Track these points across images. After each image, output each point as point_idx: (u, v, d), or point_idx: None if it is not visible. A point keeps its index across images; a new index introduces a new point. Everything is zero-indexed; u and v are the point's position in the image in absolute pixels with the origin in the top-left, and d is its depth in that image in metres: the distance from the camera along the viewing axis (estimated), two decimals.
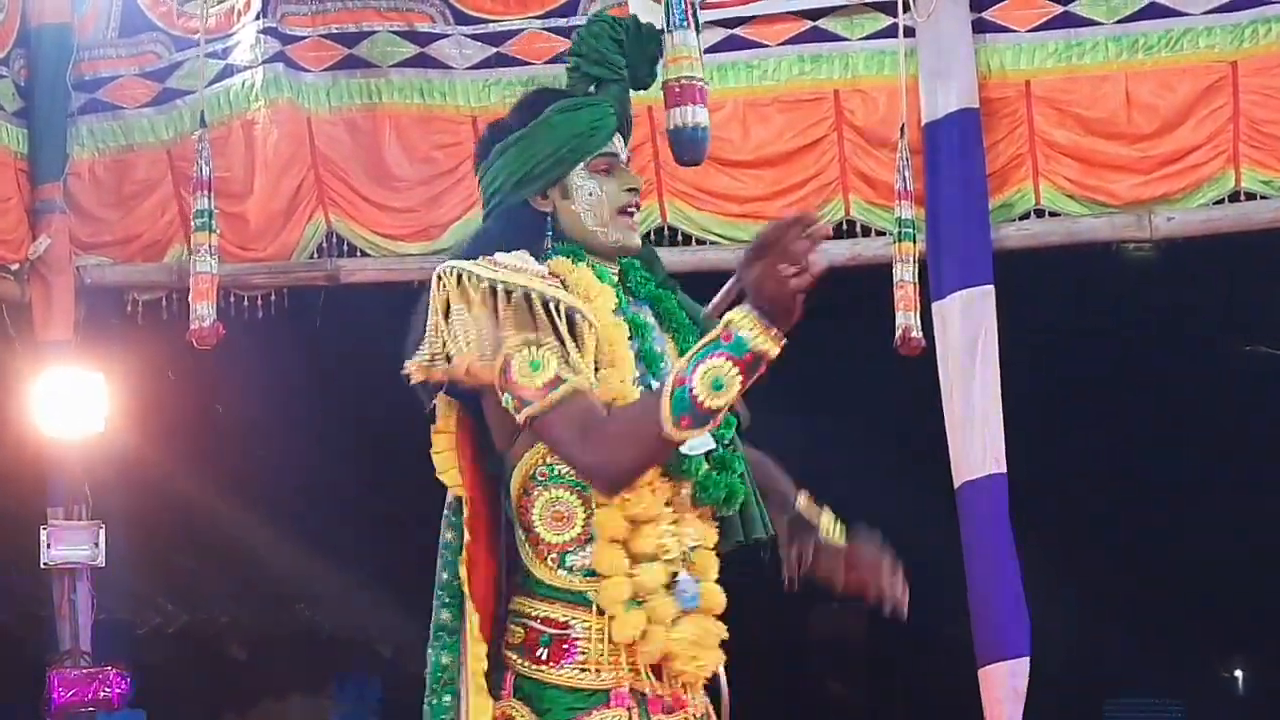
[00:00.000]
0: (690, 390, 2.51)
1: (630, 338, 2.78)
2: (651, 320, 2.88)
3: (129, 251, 7.35)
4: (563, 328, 2.67)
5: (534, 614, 2.77)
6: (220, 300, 6.94)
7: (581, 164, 2.87)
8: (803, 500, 3.01)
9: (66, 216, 7.23)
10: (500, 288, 2.69)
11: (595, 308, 2.74)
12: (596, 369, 2.71)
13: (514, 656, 2.78)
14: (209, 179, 6.78)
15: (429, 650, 2.87)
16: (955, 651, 6.77)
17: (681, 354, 2.74)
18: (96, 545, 7.10)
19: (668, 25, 2.97)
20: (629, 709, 2.74)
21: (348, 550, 10.41)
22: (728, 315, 2.53)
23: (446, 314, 2.75)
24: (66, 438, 7.05)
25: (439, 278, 2.76)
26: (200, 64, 7.03)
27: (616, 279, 2.88)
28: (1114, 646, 11.70)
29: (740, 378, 2.50)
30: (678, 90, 2.92)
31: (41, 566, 7.09)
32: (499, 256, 2.74)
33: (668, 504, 2.75)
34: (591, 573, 2.74)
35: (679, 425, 2.54)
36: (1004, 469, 6.35)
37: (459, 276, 2.72)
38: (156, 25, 7.23)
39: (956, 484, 6.40)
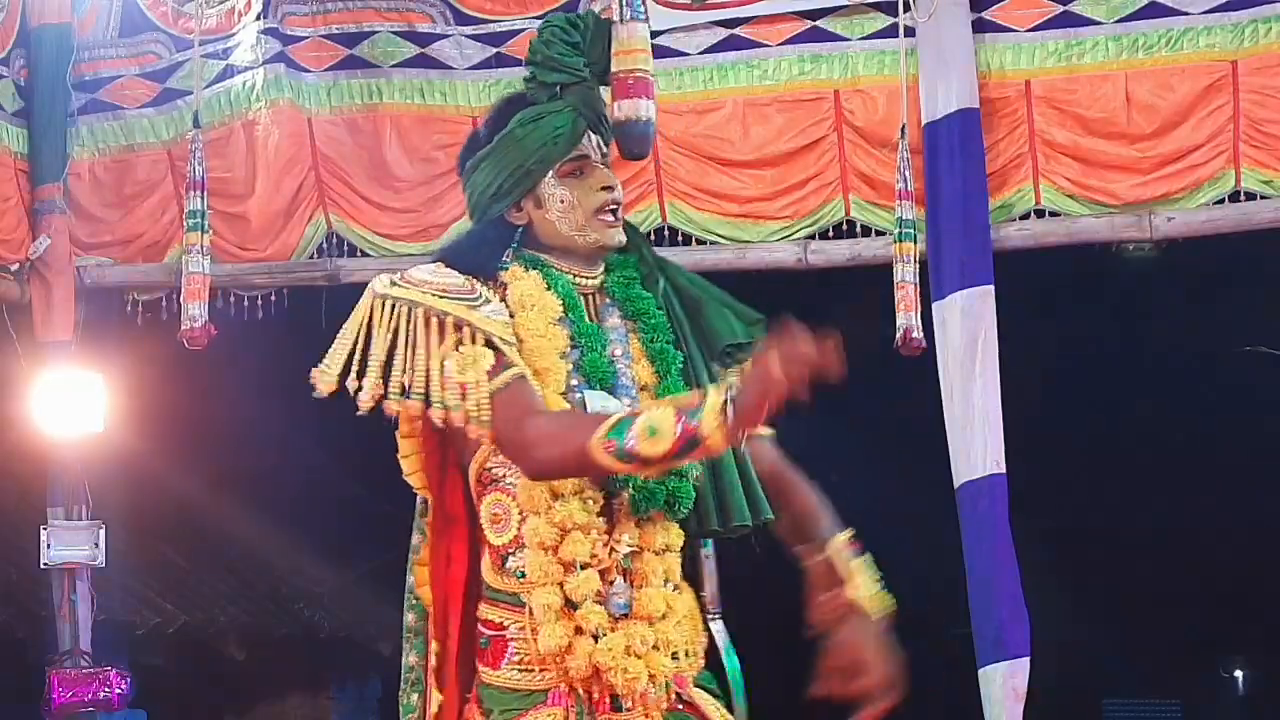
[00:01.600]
0: (633, 423, 2.56)
1: (576, 347, 2.80)
2: (616, 326, 2.87)
3: (129, 252, 7.34)
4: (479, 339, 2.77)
5: (482, 616, 2.84)
6: (220, 300, 6.94)
7: (550, 172, 2.89)
8: (838, 544, 2.89)
9: (66, 216, 7.23)
10: (420, 311, 2.87)
11: (526, 319, 2.80)
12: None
13: (477, 659, 2.86)
14: (202, 179, 6.78)
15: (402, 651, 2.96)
16: (955, 651, 6.77)
17: (650, 355, 2.83)
18: (96, 545, 7.10)
19: (619, 17, 2.96)
20: (566, 708, 2.76)
21: (348, 550, 10.40)
22: (718, 385, 2.60)
23: (367, 335, 2.97)
24: (66, 438, 7.05)
25: (372, 292, 2.97)
26: (196, 64, 7.03)
27: (581, 285, 2.88)
28: (1114, 646, 11.69)
29: (674, 441, 2.53)
30: (629, 84, 2.91)
31: (41, 566, 7.09)
32: (413, 272, 2.95)
33: (601, 512, 2.77)
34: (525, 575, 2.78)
35: (604, 447, 2.57)
36: (1003, 469, 6.35)
37: (385, 301, 2.96)
38: (157, 25, 7.23)
39: (956, 484, 6.40)
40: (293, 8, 7.03)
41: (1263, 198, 6.43)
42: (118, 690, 7.01)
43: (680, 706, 2.81)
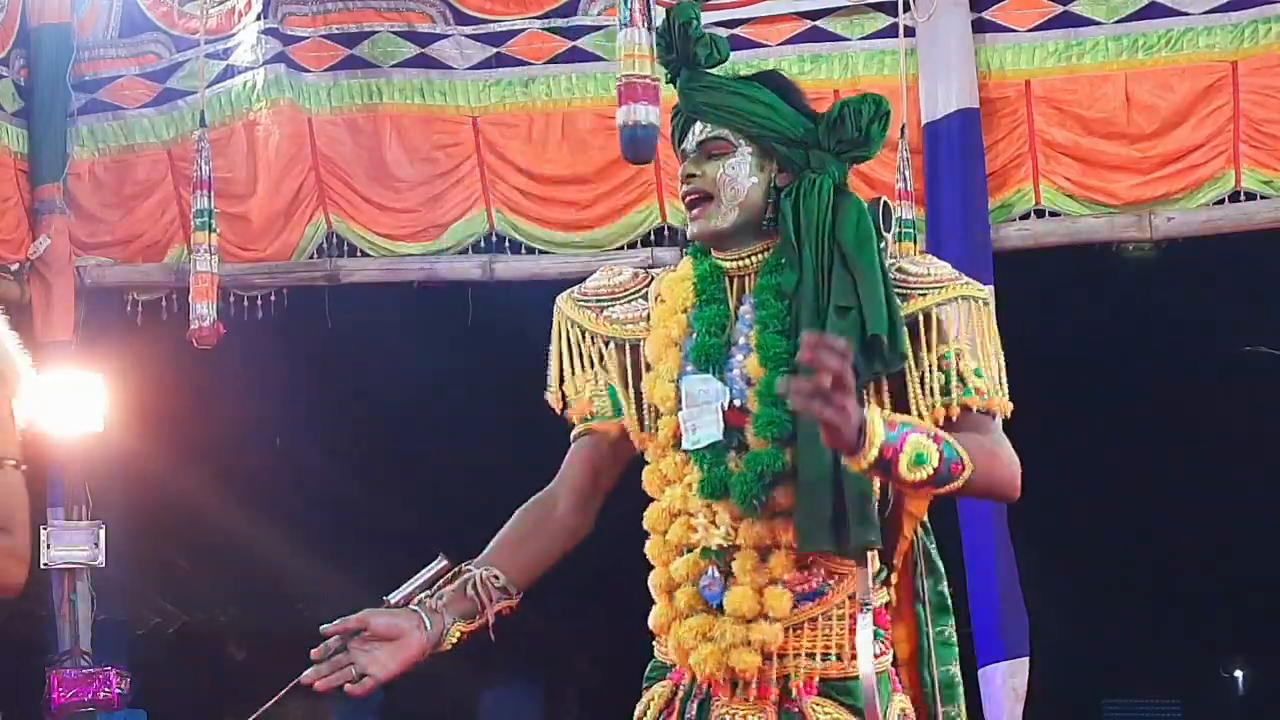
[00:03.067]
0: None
1: (698, 333, 2.81)
2: (748, 313, 2.84)
3: (129, 252, 7.35)
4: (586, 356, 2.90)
5: None
6: (221, 300, 6.94)
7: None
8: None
9: (66, 216, 7.23)
10: (560, 321, 2.94)
11: (658, 310, 2.87)
12: (647, 368, 2.84)
13: None
14: (209, 179, 6.78)
15: None
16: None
17: (758, 345, 2.78)
18: (96, 545, 7.11)
19: (626, 22, 2.95)
20: (676, 684, 2.82)
21: (348, 550, 10.41)
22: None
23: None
24: (66, 438, 7.05)
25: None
26: (200, 64, 7.04)
27: (730, 268, 2.87)
28: (1114, 646, 11.69)
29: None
30: (637, 89, 2.91)
31: (41, 566, 7.10)
32: (589, 281, 2.97)
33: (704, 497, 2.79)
34: None
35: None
36: None
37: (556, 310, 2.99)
38: (157, 25, 7.24)
39: None
40: (293, 8, 7.04)
41: (1262, 198, 6.44)
42: (118, 690, 7.01)
43: (795, 710, 2.76)
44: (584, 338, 2.91)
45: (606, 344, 2.89)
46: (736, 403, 2.77)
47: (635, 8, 2.97)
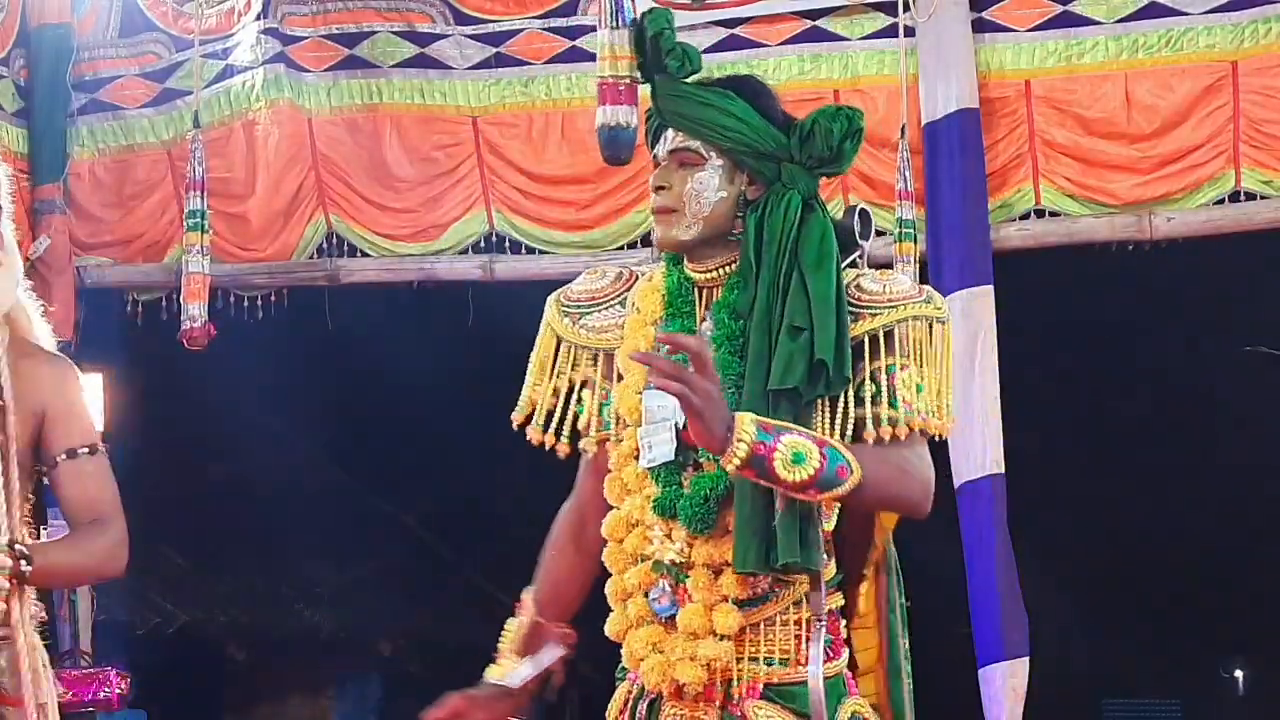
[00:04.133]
0: None
1: (664, 348, 2.78)
2: (705, 328, 2.84)
3: (129, 252, 7.35)
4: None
5: None
6: (220, 300, 6.95)
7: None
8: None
9: (66, 216, 7.23)
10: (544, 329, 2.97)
11: (630, 319, 2.88)
12: (619, 378, 2.85)
13: None
14: (202, 179, 6.79)
15: None
16: (955, 651, 6.77)
17: (717, 356, 2.76)
18: None
19: (607, 24, 2.94)
20: (633, 684, 2.85)
21: (348, 550, 10.41)
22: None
23: None
24: None
25: None
26: (196, 64, 7.03)
27: (699, 279, 2.87)
28: (1113, 646, 11.68)
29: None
30: (618, 90, 2.90)
31: None
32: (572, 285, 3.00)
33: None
34: None
35: None
36: (1003, 469, 6.35)
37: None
38: (156, 25, 7.24)
39: (956, 484, 6.40)
40: (292, 8, 7.04)
41: (1262, 198, 6.44)
42: (118, 690, 7.01)
43: (737, 714, 2.77)
44: (559, 346, 2.93)
45: (581, 353, 2.90)
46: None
47: (615, 8, 2.95)
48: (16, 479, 3.16)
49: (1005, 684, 6.23)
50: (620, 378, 2.85)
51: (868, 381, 2.76)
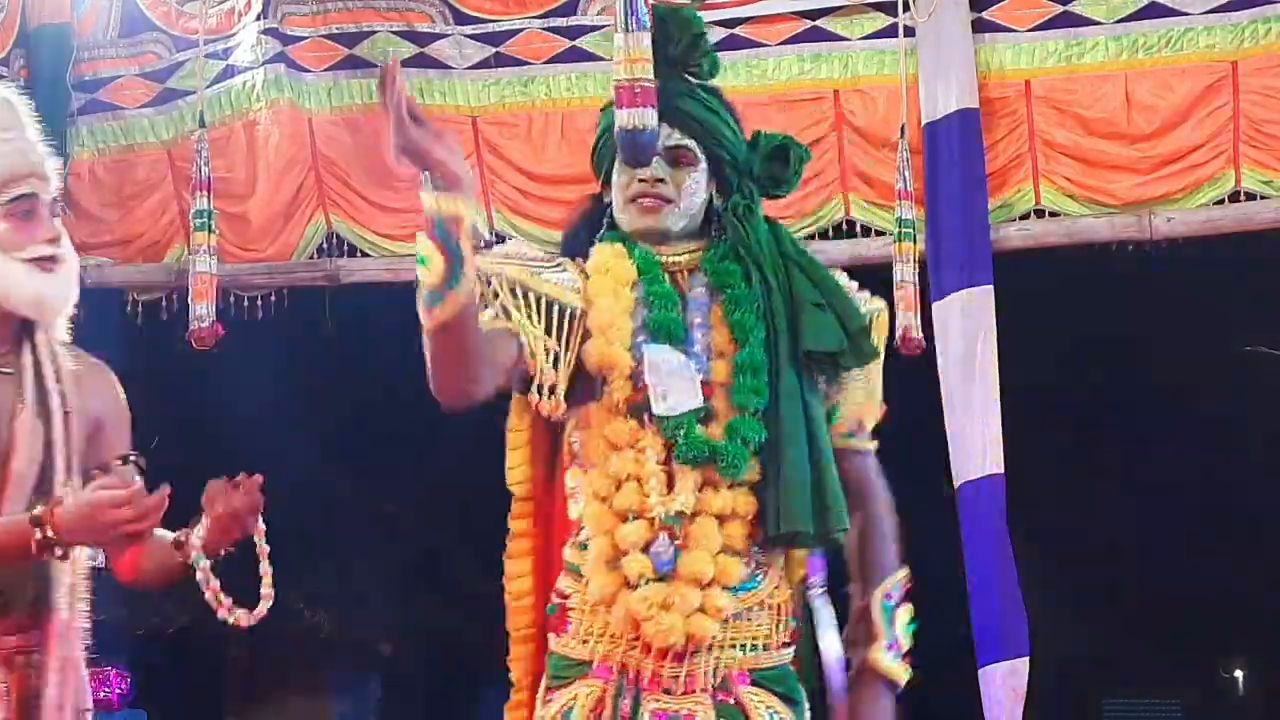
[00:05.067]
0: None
1: (646, 308, 2.87)
2: (699, 297, 2.93)
3: (129, 252, 7.35)
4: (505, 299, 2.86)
5: (556, 587, 2.90)
6: (220, 300, 6.94)
7: (617, 157, 2.97)
8: (879, 594, 2.93)
9: (66, 216, 7.21)
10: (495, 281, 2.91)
11: (597, 281, 2.89)
12: (585, 338, 2.85)
13: (549, 629, 2.93)
14: (208, 179, 6.78)
15: None
16: (955, 651, 6.78)
17: (730, 324, 2.87)
18: None
19: (626, 24, 3.00)
20: (606, 682, 2.80)
21: (348, 550, 10.42)
22: None
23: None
24: None
25: None
26: (200, 64, 7.04)
27: (666, 262, 2.95)
28: (1113, 646, 11.70)
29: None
30: (635, 92, 2.95)
31: None
32: (498, 248, 2.99)
33: (663, 463, 2.81)
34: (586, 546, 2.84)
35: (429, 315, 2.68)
36: (1002, 469, 6.35)
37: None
38: (156, 25, 7.24)
39: (956, 484, 6.40)
40: (292, 8, 7.04)
41: (1262, 198, 6.43)
42: (118, 690, 7.02)
43: (731, 701, 2.80)
44: (519, 293, 2.87)
45: (549, 304, 2.86)
46: (701, 377, 2.83)
47: (630, 9, 2.98)
48: (78, 489, 3.14)
49: (1005, 684, 6.23)
50: (585, 337, 2.86)
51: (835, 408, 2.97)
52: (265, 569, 3.04)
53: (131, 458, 3.28)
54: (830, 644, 2.85)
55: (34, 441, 3.07)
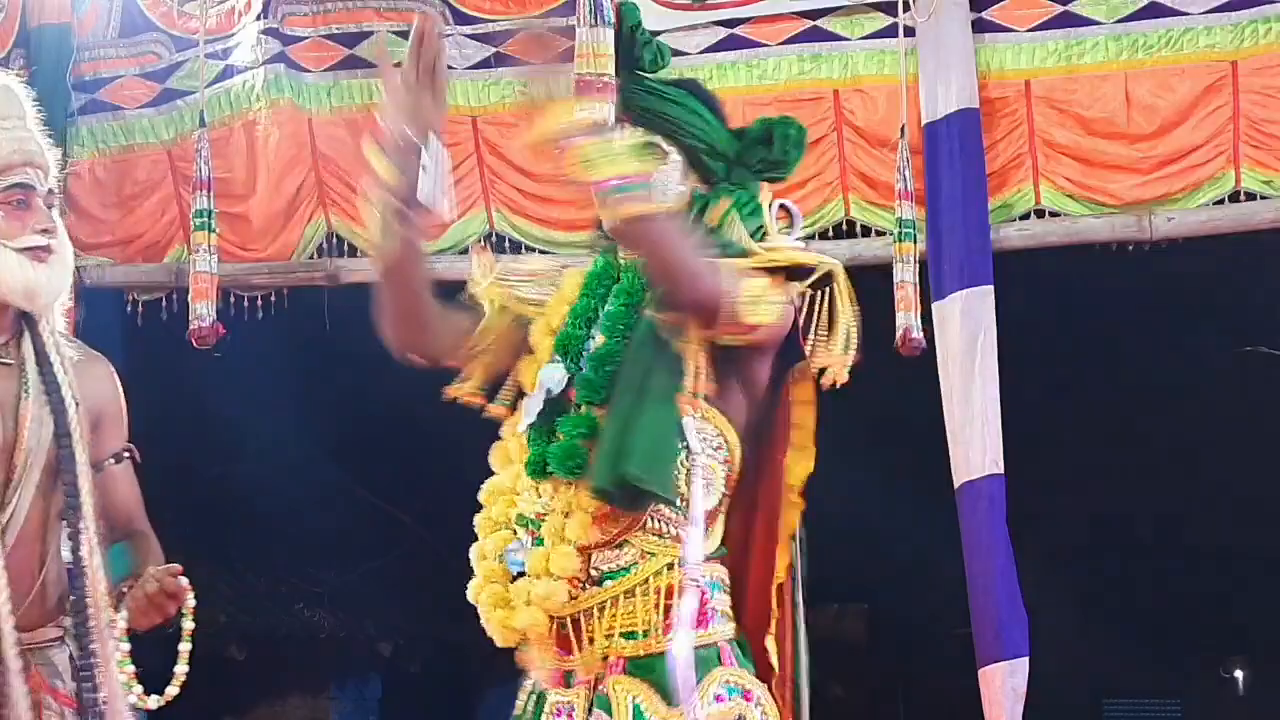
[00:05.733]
0: None
1: (567, 326, 2.96)
2: (607, 304, 2.97)
3: (129, 252, 7.35)
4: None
5: None
6: (220, 300, 6.94)
7: None
8: None
9: (66, 216, 7.21)
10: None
11: (553, 299, 3.02)
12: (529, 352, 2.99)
13: None
14: (209, 179, 6.78)
15: None
16: (955, 651, 6.78)
17: (612, 307, 2.96)
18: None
19: (586, 22, 3.02)
20: (530, 680, 2.94)
21: (348, 550, 10.41)
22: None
23: None
24: None
25: None
26: (200, 64, 7.04)
27: (609, 268, 3.05)
28: (1114, 646, 11.69)
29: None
30: (597, 87, 2.96)
31: None
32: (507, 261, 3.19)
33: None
34: None
35: None
36: (1003, 469, 6.35)
37: None
38: (157, 25, 7.24)
39: (956, 484, 6.40)
40: (292, 8, 7.04)
41: (1263, 198, 6.43)
42: None
43: (604, 692, 2.80)
44: (497, 307, 3.06)
45: (514, 317, 3.03)
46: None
47: (595, 6, 3.01)
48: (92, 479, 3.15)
49: (1005, 684, 6.22)
50: (530, 351, 2.98)
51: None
52: (184, 648, 3.07)
53: (125, 454, 3.27)
54: (680, 640, 2.76)
55: (40, 432, 3.05)
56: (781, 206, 3.05)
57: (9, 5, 7.09)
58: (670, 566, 2.81)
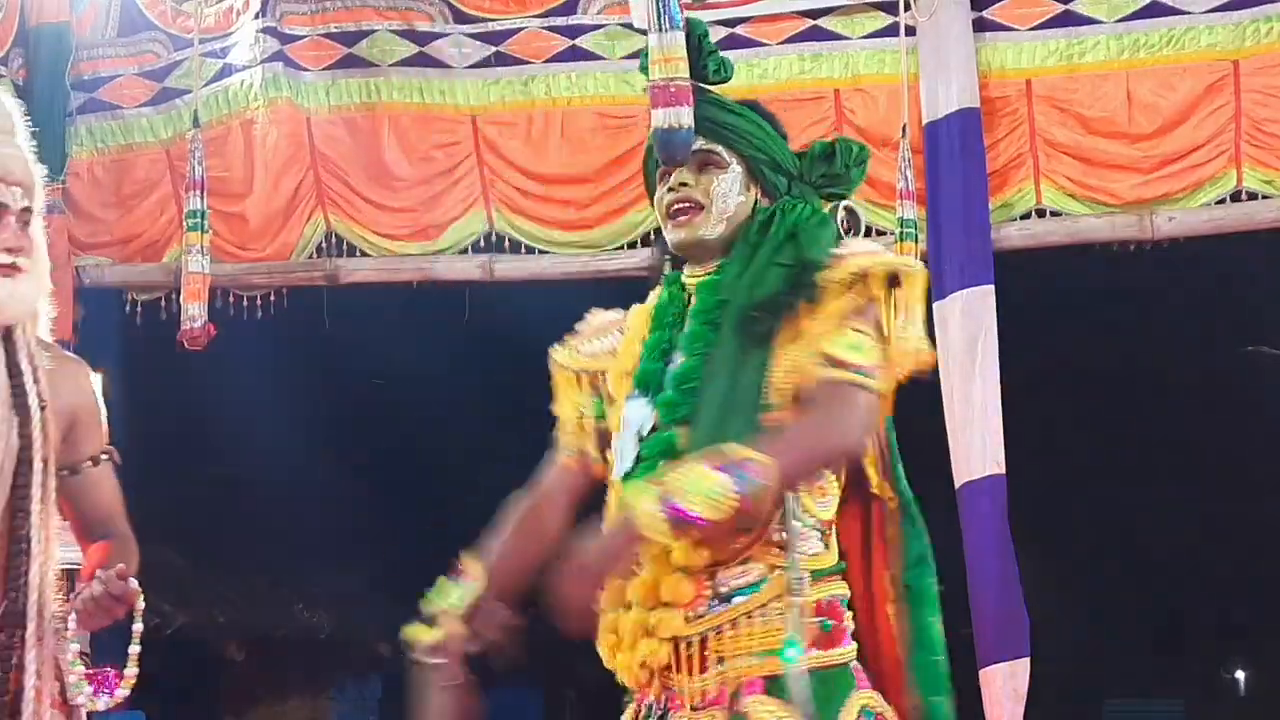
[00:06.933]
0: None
1: (643, 360, 2.90)
2: (682, 333, 2.90)
3: (128, 251, 7.34)
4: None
5: None
6: (219, 300, 6.93)
7: (653, 167, 3.01)
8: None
9: (65, 216, 7.22)
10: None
11: (624, 340, 2.98)
12: (611, 400, 2.95)
13: None
14: (202, 179, 6.77)
15: None
16: (956, 652, 6.77)
17: (691, 327, 2.87)
18: None
19: (659, 25, 3.01)
20: (640, 703, 2.84)
21: (348, 550, 10.41)
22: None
23: None
24: None
25: None
26: (196, 63, 7.02)
27: (677, 293, 2.95)
28: (1115, 647, 11.69)
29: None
30: (671, 92, 2.96)
31: None
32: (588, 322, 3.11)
33: None
34: None
35: None
36: (1003, 470, 6.34)
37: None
38: (155, 24, 7.22)
39: (956, 484, 6.39)
40: (291, 7, 7.03)
41: (1264, 197, 6.42)
42: (116, 690, 6.99)
43: (742, 712, 2.74)
44: (563, 374, 3.04)
45: (577, 377, 3.01)
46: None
47: (663, 10, 3.02)
48: (53, 485, 3.17)
49: (1006, 685, 6.22)
50: (611, 400, 2.93)
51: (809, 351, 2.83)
52: (134, 650, 3.09)
53: (104, 456, 3.28)
54: (803, 662, 2.71)
55: (7, 433, 3.09)
56: (846, 209, 3.03)
57: (8, 4, 7.09)
58: (790, 584, 2.75)
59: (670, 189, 2.91)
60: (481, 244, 7.07)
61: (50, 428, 3.15)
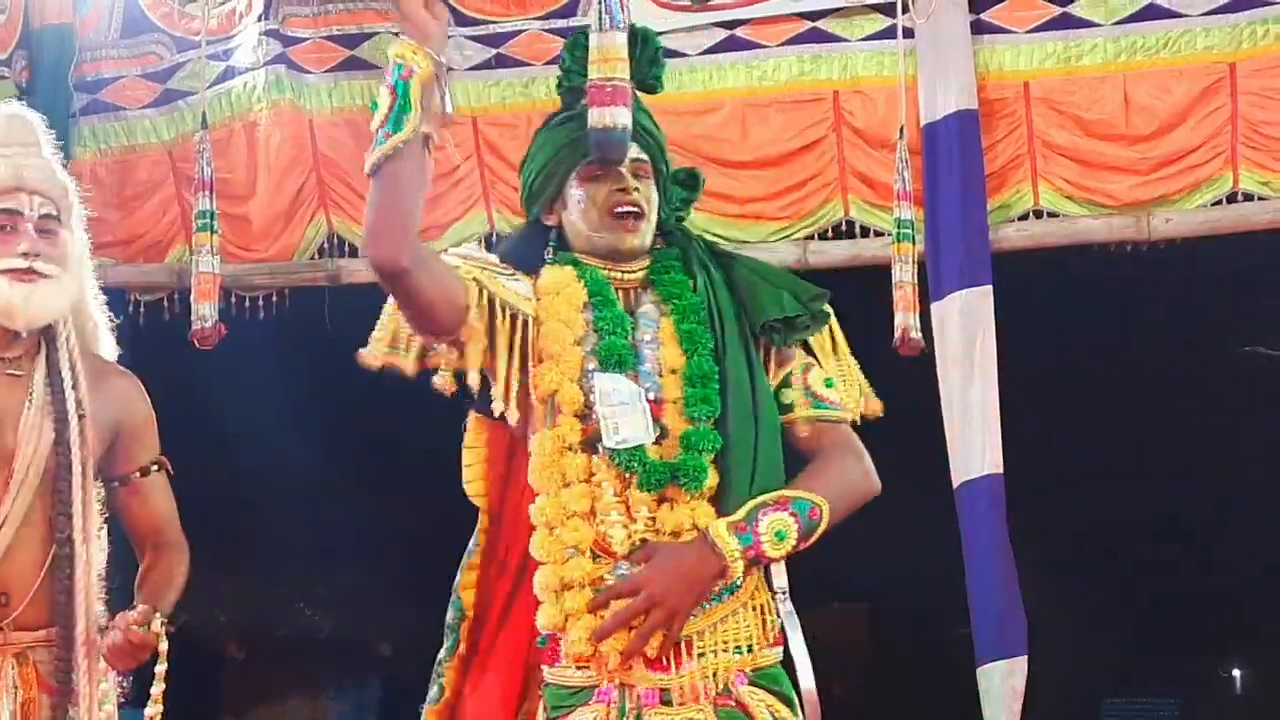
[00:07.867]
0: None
1: (597, 332, 2.89)
2: (648, 313, 2.96)
3: (131, 252, 7.36)
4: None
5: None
6: (222, 300, 6.96)
7: (572, 175, 2.98)
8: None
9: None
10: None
11: (550, 303, 2.91)
12: (539, 360, 2.89)
13: (540, 661, 2.94)
14: (210, 180, 6.80)
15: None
16: (955, 651, 6.79)
17: (679, 337, 2.92)
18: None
19: (598, 26, 3.05)
20: (609, 704, 2.82)
21: (347, 550, 10.42)
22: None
23: None
24: None
25: None
26: (201, 65, 7.05)
27: (617, 280, 2.99)
28: (1112, 645, 11.71)
29: None
30: (607, 91, 2.98)
31: None
32: (454, 249, 3.04)
33: (618, 495, 2.84)
34: None
35: None
36: (1002, 469, 6.36)
37: None
38: (158, 26, 7.25)
39: (955, 484, 6.41)
40: (293, 9, 7.05)
41: (1261, 199, 6.44)
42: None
43: (732, 703, 2.81)
44: (482, 295, 2.91)
45: (503, 310, 2.91)
46: (651, 396, 2.86)
47: (607, 10, 3.04)
48: (94, 493, 3.22)
49: (1004, 683, 6.24)
50: (538, 358, 2.89)
51: (783, 388, 2.99)
52: (156, 691, 3.12)
53: (154, 467, 3.35)
54: (799, 649, 2.85)
55: (38, 440, 3.15)
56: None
57: (11, 6, 7.11)
58: (759, 583, 2.90)
59: (622, 189, 2.97)
60: (482, 244, 7.09)
61: (89, 434, 3.21)
